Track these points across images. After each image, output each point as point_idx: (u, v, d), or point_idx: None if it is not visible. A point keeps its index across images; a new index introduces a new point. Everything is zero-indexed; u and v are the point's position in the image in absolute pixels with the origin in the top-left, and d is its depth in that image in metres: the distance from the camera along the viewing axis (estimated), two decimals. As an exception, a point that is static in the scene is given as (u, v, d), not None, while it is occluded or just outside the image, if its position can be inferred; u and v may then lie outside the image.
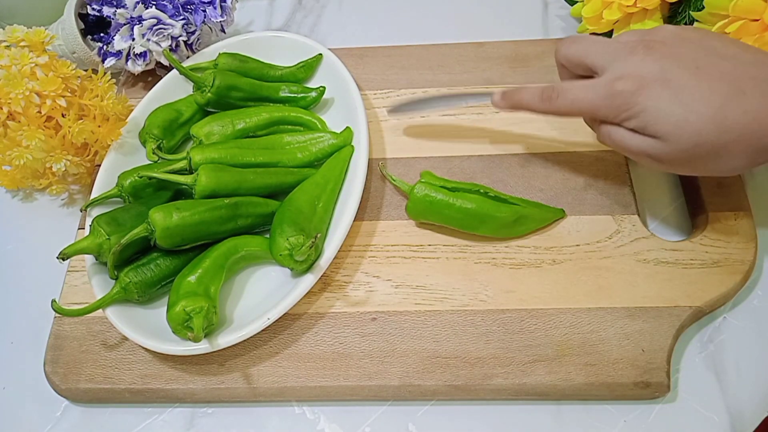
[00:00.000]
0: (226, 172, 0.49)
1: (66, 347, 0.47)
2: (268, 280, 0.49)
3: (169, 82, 0.58)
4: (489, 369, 0.43)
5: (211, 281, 0.45)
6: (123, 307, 0.46)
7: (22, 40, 0.50)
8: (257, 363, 0.45)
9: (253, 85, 0.57)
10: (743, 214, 0.47)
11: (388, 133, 0.56)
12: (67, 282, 0.51)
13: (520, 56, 0.59)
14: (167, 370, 0.46)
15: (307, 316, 0.47)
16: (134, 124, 0.55)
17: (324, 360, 0.45)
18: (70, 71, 0.51)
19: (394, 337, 0.45)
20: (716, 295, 0.44)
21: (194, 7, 0.58)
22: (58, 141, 0.51)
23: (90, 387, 0.46)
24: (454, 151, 0.54)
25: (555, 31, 0.63)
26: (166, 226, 0.45)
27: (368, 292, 0.48)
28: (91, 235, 0.46)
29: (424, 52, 0.61)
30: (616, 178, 0.51)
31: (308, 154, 0.53)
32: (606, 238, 0.48)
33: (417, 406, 0.44)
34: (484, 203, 0.47)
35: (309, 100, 0.56)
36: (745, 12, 0.45)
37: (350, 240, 0.50)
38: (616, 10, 0.53)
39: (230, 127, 0.54)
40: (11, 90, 0.48)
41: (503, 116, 0.56)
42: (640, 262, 0.46)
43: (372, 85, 0.59)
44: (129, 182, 0.50)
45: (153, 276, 0.46)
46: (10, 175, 0.55)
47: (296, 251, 0.44)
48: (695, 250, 0.46)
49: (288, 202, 0.49)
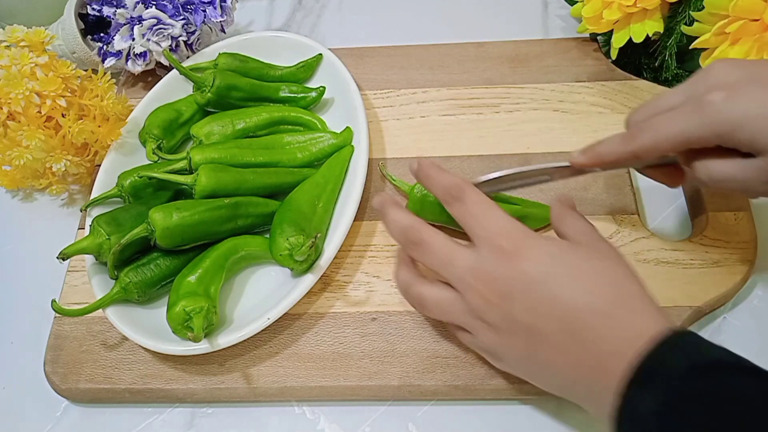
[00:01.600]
0: (226, 172, 0.49)
1: (66, 347, 0.47)
2: (268, 280, 0.49)
3: (169, 82, 0.58)
4: (489, 369, 0.43)
5: (211, 281, 0.45)
6: (123, 307, 0.46)
7: (22, 40, 0.50)
8: (257, 363, 0.45)
9: (253, 85, 0.57)
10: (743, 214, 0.47)
11: (388, 133, 0.56)
12: (67, 282, 0.51)
13: (520, 56, 0.59)
14: (167, 370, 0.46)
15: (307, 316, 0.47)
16: (134, 124, 0.55)
17: (324, 360, 0.45)
18: (70, 71, 0.51)
19: (394, 337, 0.45)
20: (716, 295, 0.44)
21: (194, 7, 0.58)
22: (58, 141, 0.51)
23: (90, 387, 0.46)
24: (454, 151, 0.54)
25: (555, 31, 0.63)
26: (166, 226, 0.45)
27: (368, 292, 0.48)
28: (91, 235, 0.46)
29: (424, 52, 0.61)
30: (616, 178, 0.51)
31: (308, 154, 0.53)
32: (606, 238, 0.48)
33: (417, 406, 0.44)
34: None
35: (309, 100, 0.56)
36: (745, 12, 0.45)
37: (350, 240, 0.50)
38: (616, 10, 0.53)
39: (230, 127, 0.54)
40: (11, 90, 0.48)
41: (503, 116, 0.56)
42: (640, 262, 0.46)
43: (372, 85, 0.59)
44: (129, 182, 0.50)
45: (153, 276, 0.46)
46: (10, 175, 0.55)
47: (296, 251, 0.44)
48: (695, 250, 0.46)
49: (288, 202, 0.49)
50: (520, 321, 0.36)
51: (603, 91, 0.56)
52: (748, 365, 0.31)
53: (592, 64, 0.58)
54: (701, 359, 0.31)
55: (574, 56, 0.59)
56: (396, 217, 0.41)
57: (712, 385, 0.29)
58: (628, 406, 0.31)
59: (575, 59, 0.59)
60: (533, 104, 0.56)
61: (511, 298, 0.36)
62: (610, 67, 0.58)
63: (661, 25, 0.52)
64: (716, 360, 0.31)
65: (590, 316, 0.34)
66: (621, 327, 0.33)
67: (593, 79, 0.57)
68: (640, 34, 0.53)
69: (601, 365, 0.33)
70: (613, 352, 0.33)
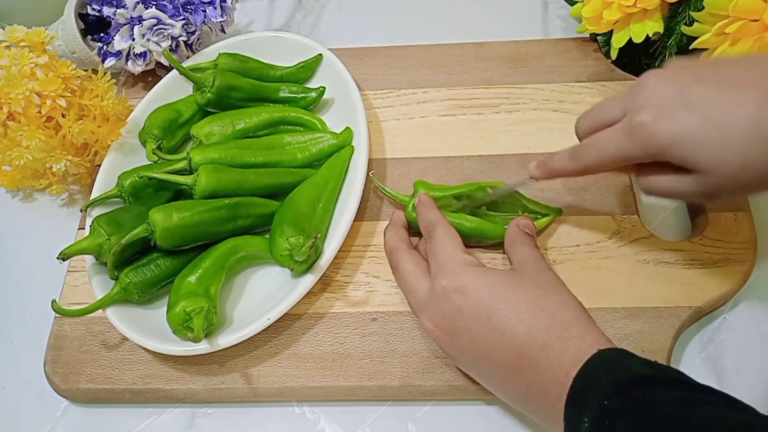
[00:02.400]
0: (226, 172, 0.49)
1: (66, 347, 0.47)
2: (268, 280, 0.49)
3: (169, 82, 0.58)
4: (489, 369, 0.43)
5: (211, 281, 0.45)
6: (123, 308, 0.46)
7: (22, 40, 0.50)
8: (257, 363, 0.45)
9: (253, 86, 0.57)
10: (743, 215, 0.47)
11: (388, 133, 0.56)
12: (67, 282, 0.51)
13: (520, 56, 0.59)
14: (167, 370, 0.46)
15: (307, 316, 0.47)
16: (134, 124, 0.55)
17: (324, 360, 0.45)
18: (70, 71, 0.51)
19: (394, 337, 0.45)
20: (716, 295, 0.44)
21: (194, 7, 0.58)
22: (58, 141, 0.51)
23: (90, 387, 0.46)
24: (454, 151, 0.54)
25: (555, 31, 0.63)
26: (166, 226, 0.45)
27: (368, 292, 0.48)
28: (91, 235, 0.46)
29: (424, 52, 0.61)
30: (616, 178, 0.51)
31: (308, 155, 0.53)
32: (606, 238, 0.48)
33: (417, 406, 0.44)
34: (483, 224, 0.47)
35: (309, 100, 0.56)
36: (745, 12, 0.45)
37: (350, 240, 0.50)
38: (616, 10, 0.53)
39: (230, 128, 0.54)
40: (11, 90, 0.48)
41: (503, 116, 0.55)
42: (640, 262, 0.46)
43: (372, 85, 0.59)
44: (129, 182, 0.50)
45: (153, 276, 0.46)
46: (10, 175, 0.55)
47: (296, 251, 0.44)
48: (695, 250, 0.46)
49: (288, 203, 0.49)
50: (466, 355, 0.39)
51: (603, 91, 0.56)
52: (667, 376, 0.33)
53: (592, 64, 0.58)
54: (624, 376, 0.33)
55: (574, 56, 0.59)
56: (387, 238, 0.46)
57: (634, 399, 0.32)
58: (570, 429, 0.34)
59: (575, 59, 0.59)
60: (533, 104, 0.56)
61: (456, 333, 0.39)
62: (610, 68, 0.58)
63: (661, 25, 0.52)
64: (638, 375, 0.33)
65: (531, 349, 0.36)
66: (558, 357, 0.35)
67: (593, 79, 0.57)
68: (640, 34, 0.53)
69: (546, 394, 0.36)
70: (553, 382, 0.35)
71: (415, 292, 0.42)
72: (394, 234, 0.46)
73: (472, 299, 0.38)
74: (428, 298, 0.41)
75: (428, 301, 0.41)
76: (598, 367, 0.34)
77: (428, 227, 0.44)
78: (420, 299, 0.42)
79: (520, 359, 0.36)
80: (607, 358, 0.35)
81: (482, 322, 0.38)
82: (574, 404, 0.34)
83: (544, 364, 0.36)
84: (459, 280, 0.39)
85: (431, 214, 0.45)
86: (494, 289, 0.39)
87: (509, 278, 0.40)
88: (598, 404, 0.32)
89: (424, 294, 0.41)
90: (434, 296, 0.40)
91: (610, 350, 0.35)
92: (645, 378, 0.33)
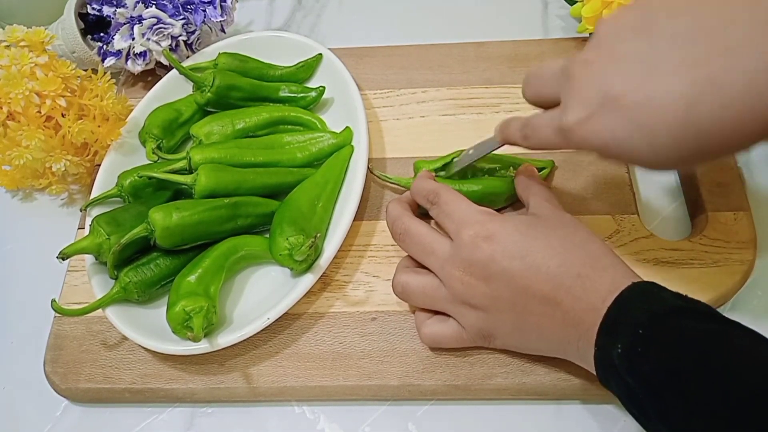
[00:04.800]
0: (225, 171, 0.49)
1: (66, 347, 0.47)
2: (268, 280, 0.49)
3: (169, 82, 0.58)
4: (489, 369, 0.43)
5: (211, 281, 0.45)
6: (123, 307, 0.46)
7: (22, 40, 0.50)
8: (257, 363, 0.45)
9: (252, 85, 0.57)
10: (743, 214, 0.47)
11: (388, 133, 0.56)
12: (67, 282, 0.51)
13: (520, 56, 0.59)
14: (167, 369, 0.46)
15: (306, 316, 0.47)
16: (134, 124, 0.55)
17: (324, 360, 0.45)
18: (70, 71, 0.51)
19: (394, 337, 0.45)
20: (716, 295, 0.44)
21: (194, 6, 0.58)
22: (58, 141, 0.51)
23: (90, 387, 0.46)
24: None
25: (555, 31, 0.63)
26: (165, 225, 0.45)
27: (368, 292, 0.48)
28: (91, 234, 0.46)
29: (424, 52, 0.61)
30: (616, 178, 0.51)
31: (308, 154, 0.53)
32: (606, 238, 0.48)
33: (417, 406, 0.44)
34: (492, 183, 0.48)
35: (309, 100, 0.56)
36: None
37: (350, 240, 0.50)
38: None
39: (230, 127, 0.54)
40: (11, 90, 0.48)
41: (503, 116, 0.55)
42: (639, 262, 0.46)
43: (372, 85, 0.59)
44: (129, 182, 0.50)
45: (153, 276, 0.46)
46: (10, 175, 0.55)
47: (296, 251, 0.44)
48: (695, 250, 0.46)
49: (288, 202, 0.49)
50: (503, 297, 0.39)
51: (603, 91, 0.56)
52: (702, 309, 0.34)
53: (592, 64, 0.58)
54: (659, 307, 0.34)
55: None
56: (390, 208, 0.46)
57: (667, 329, 0.33)
58: (600, 353, 0.35)
59: (575, 59, 0.59)
60: (533, 104, 0.56)
61: (491, 278, 0.39)
62: (610, 67, 0.58)
63: (660, 25, 0.52)
64: (673, 306, 0.34)
65: (567, 279, 0.37)
66: (594, 285, 0.37)
67: (593, 79, 0.57)
68: (640, 34, 0.52)
69: (582, 322, 0.36)
70: (589, 309, 0.36)
71: (437, 251, 0.41)
72: (398, 204, 0.46)
73: (504, 244, 0.39)
74: (454, 251, 0.40)
75: (455, 255, 0.40)
76: (634, 297, 0.35)
77: (430, 195, 0.44)
78: (444, 256, 0.41)
79: (558, 290, 0.37)
80: (642, 289, 0.36)
81: (517, 263, 0.38)
82: (607, 331, 0.35)
83: (580, 293, 0.37)
84: (486, 228, 0.40)
85: (430, 184, 0.45)
86: (522, 230, 0.39)
87: (534, 220, 0.41)
88: (632, 331, 0.33)
89: (447, 250, 0.41)
90: (462, 247, 0.40)
91: (644, 282, 0.36)
92: (679, 309, 0.34)
